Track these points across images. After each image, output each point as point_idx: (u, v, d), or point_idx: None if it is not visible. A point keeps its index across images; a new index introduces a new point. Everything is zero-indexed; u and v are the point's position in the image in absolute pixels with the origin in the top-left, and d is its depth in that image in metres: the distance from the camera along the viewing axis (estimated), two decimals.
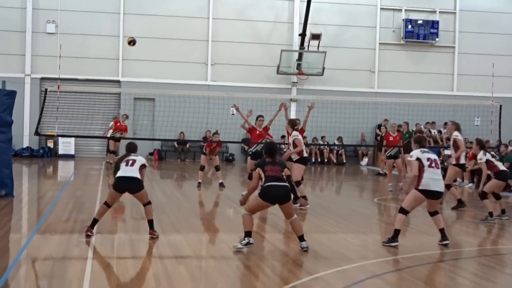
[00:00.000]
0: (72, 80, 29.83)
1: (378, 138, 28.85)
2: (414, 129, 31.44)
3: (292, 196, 10.10)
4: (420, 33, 34.17)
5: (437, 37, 34.29)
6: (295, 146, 15.17)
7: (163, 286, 7.90)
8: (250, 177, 16.58)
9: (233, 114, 26.29)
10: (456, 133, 15.84)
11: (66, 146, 31.07)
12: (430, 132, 32.85)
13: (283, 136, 30.58)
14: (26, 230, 11.83)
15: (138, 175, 10.86)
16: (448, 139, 31.11)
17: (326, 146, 32.00)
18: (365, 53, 33.99)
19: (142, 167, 11.02)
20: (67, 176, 23.70)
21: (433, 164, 10.74)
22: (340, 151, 32.53)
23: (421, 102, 28.34)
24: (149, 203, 11.01)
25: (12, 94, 15.87)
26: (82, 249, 9.81)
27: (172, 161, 31.50)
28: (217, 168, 19.61)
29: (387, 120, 31.17)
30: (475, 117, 30.89)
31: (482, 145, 14.86)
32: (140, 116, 30.31)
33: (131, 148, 11.36)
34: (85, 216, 13.01)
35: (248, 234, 10.03)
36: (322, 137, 31.77)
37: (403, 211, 10.71)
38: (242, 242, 10.02)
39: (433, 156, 10.92)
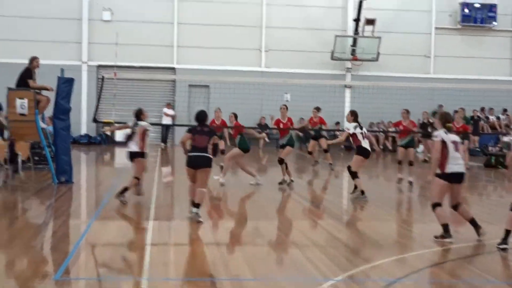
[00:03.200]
0: (128, 67, 30.18)
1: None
2: (472, 114, 30.96)
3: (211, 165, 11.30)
4: (478, 17, 33.45)
5: (495, 21, 33.54)
6: None
7: (219, 272, 7.95)
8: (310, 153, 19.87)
9: (287, 100, 26.27)
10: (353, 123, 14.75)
11: (122, 133, 31.39)
12: (487, 118, 32.27)
13: (337, 123, 30.44)
14: (85, 216, 12.05)
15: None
16: (507, 125, 30.62)
17: (381, 133, 31.67)
18: (420, 38, 33.46)
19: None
20: (124, 162, 23.97)
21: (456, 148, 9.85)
22: (395, 138, 31.95)
23: (478, 87, 27.78)
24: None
25: (70, 82, 16.14)
26: (141, 235, 9.92)
27: (226, 147, 31.59)
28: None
29: (442, 105, 30.71)
30: None
31: (356, 116, 14.74)
32: (195, 103, 30.43)
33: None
34: (143, 202, 13.17)
35: (196, 205, 11.05)
36: (378, 124, 31.41)
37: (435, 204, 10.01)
38: (197, 213, 10.96)
39: (457, 139, 10.00)
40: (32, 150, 16.22)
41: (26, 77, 15.92)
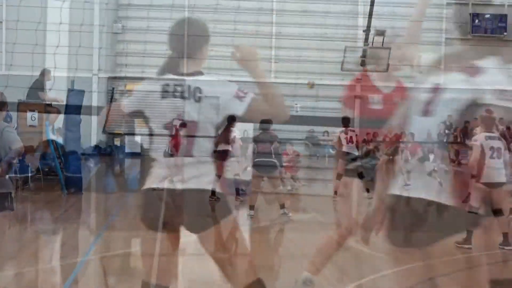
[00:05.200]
0: (139, 78, 30.23)
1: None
2: None
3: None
4: (488, 27, 33.36)
5: (506, 31, 33.42)
6: None
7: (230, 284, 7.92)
8: None
9: (297, 111, 26.26)
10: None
11: (132, 144, 31.44)
12: (497, 128, 32.15)
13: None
14: (95, 227, 12.07)
15: None
16: None
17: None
18: (430, 48, 33.36)
19: None
20: (134, 174, 23.98)
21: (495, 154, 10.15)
22: None
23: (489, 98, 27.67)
24: None
25: (80, 93, 16.21)
26: (149, 246, 9.91)
27: None
28: None
29: (450, 115, 30.64)
30: None
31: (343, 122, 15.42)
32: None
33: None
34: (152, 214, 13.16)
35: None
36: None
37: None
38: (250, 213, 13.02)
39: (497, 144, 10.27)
40: (42, 161, 16.25)
41: (37, 89, 16.00)
